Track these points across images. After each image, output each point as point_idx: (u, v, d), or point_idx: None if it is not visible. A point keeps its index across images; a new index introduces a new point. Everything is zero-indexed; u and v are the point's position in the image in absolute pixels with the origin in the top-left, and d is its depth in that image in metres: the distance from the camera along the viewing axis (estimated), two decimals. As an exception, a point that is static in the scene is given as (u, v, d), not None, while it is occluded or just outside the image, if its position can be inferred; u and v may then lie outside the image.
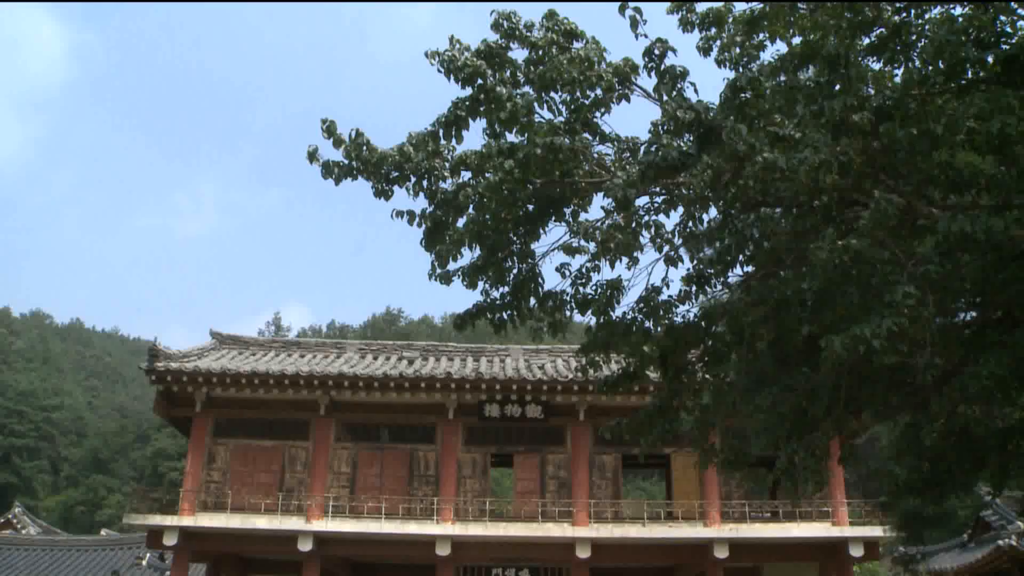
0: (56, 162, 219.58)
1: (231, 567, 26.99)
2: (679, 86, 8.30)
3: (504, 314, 8.96)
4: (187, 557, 23.72)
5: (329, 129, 8.39)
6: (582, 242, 8.62)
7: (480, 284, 8.87)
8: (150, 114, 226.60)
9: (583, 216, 8.81)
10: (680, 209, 8.57)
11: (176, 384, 23.45)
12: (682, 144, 7.99)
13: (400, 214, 8.73)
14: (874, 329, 6.77)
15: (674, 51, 8.38)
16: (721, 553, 22.51)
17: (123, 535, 36.84)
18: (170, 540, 22.70)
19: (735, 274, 9.05)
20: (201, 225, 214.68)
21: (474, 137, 10.18)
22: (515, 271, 8.93)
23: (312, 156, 8.47)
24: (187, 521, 22.78)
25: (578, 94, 8.31)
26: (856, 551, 22.66)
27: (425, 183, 8.58)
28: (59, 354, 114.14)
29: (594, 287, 8.98)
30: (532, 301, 9.00)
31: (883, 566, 25.06)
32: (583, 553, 22.52)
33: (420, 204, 8.74)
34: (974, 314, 9.18)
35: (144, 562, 33.30)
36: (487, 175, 8.29)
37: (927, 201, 7.81)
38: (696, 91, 8.34)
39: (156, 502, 24.69)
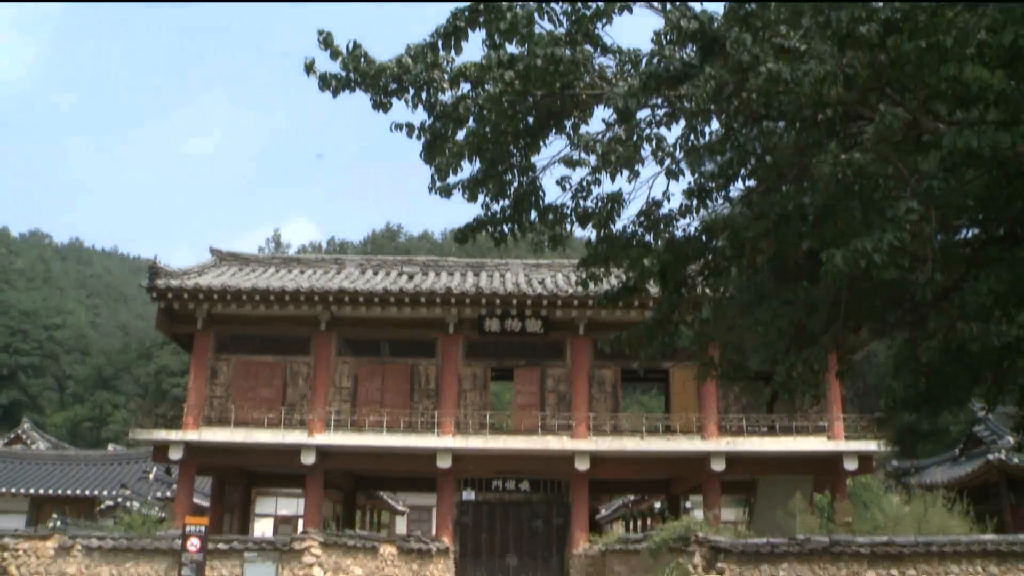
0: (56, 80, 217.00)
1: (236, 481, 27.53)
2: (682, -5, 8.11)
3: (504, 227, 8.92)
4: (192, 471, 24.15)
5: (326, 41, 8.22)
6: (583, 155, 8.51)
7: (480, 197, 8.81)
8: (154, 33, 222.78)
9: (584, 129, 8.69)
10: (682, 122, 8.44)
11: (177, 301, 23.55)
12: (685, 55, 7.84)
13: (399, 127, 8.63)
14: (875, 243, 6.74)
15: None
16: (718, 466, 22.90)
17: (130, 450, 37.50)
18: (175, 454, 23.09)
19: (736, 188, 8.97)
20: (203, 144, 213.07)
21: (473, 49, 10.03)
22: (515, 184, 8.86)
23: (309, 68, 8.32)
24: (191, 436, 23.14)
25: (579, 4, 8.12)
26: (851, 465, 23.04)
27: (424, 95, 8.44)
28: (59, 274, 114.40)
29: (594, 200, 8.92)
30: (532, 214, 8.95)
31: (876, 480, 25.47)
32: (582, 466, 22.91)
33: (419, 117, 8.63)
34: (976, 231, 9.14)
35: (151, 476, 33.95)
36: (487, 87, 8.15)
37: (933, 116, 7.69)
38: (700, 0, 8.16)
39: (161, 417, 25.03)
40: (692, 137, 8.58)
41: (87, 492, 33.43)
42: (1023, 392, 10.73)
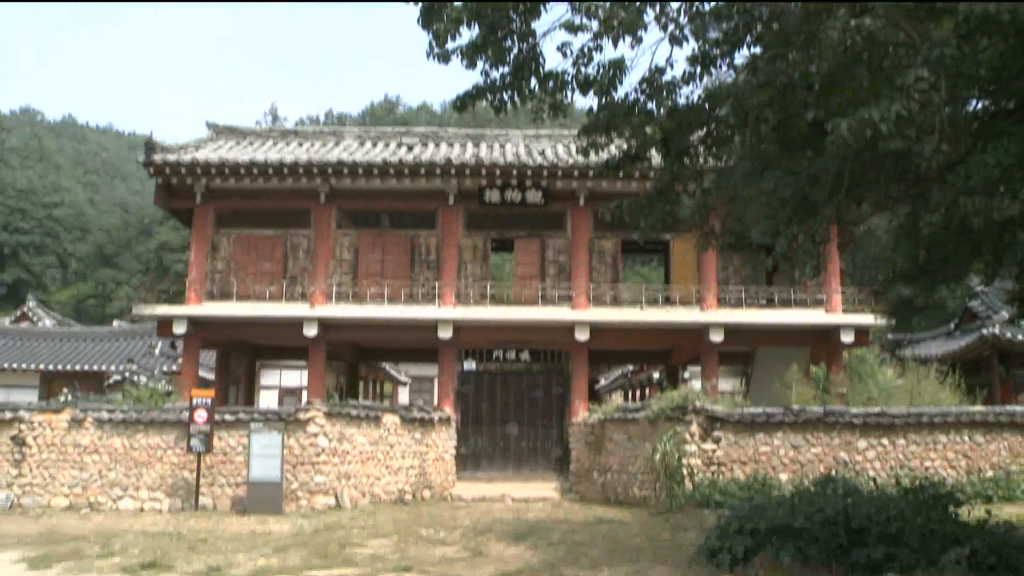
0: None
1: (240, 354, 27.89)
2: None
3: (504, 95, 8.75)
4: (197, 345, 24.43)
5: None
6: (584, 20, 8.28)
7: (479, 64, 8.61)
8: None
9: (586, -7, 8.43)
10: (687, -14, 8.19)
11: (175, 176, 23.35)
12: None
13: (397, -10, 8.36)
14: (882, 113, 6.60)
15: None
16: (716, 337, 23.14)
17: (134, 326, 37.91)
18: (179, 328, 23.30)
19: (742, 55, 8.77)
20: (198, 17, 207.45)
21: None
22: (515, 51, 8.64)
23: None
24: (194, 310, 23.30)
25: None
26: (847, 337, 23.27)
27: (421, -43, 8.16)
28: (54, 151, 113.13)
29: (596, 67, 8.72)
30: (533, 82, 8.76)
31: (872, 352, 25.80)
32: (582, 336, 23.15)
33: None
34: (986, 103, 8.96)
35: (156, 351, 34.44)
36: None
37: (949, -21, 7.43)
38: None
39: (163, 293, 25.16)
40: (697, 2, 8.33)
41: (95, 367, 34.02)
42: (1021, 266, 10.74)
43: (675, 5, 8.39)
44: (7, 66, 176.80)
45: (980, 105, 8.97)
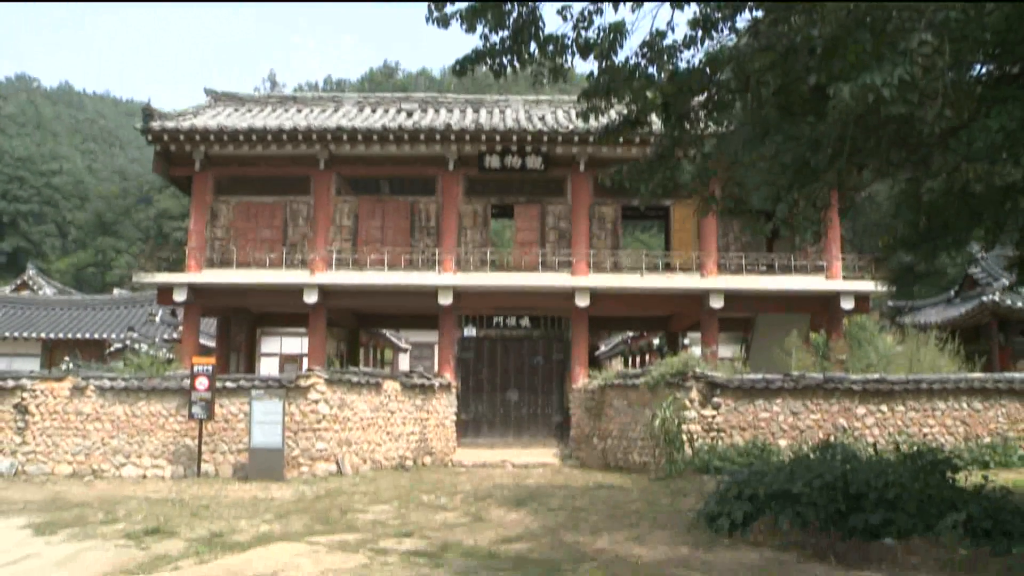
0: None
1: (241, 321, 27.91)
2: None
3: (504, 59, 8.67)
4: (197, 312, 24.46)
5: None
6: (585, -17, 8.20)
7: (479, 28, 8.53)
8: None
9: (587, -45, 8.34)
10: (689, -53, 8.09)
11: (173, 143, 23.26)
12: None
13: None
14: (885, 77, 6.54)
15: None
16: (716, 303, 23.16)
17: (135, 294, 37.99)
18: (179, 296, 23.32)
19: (743, 19, 8.69)
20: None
21: None
22: (515, 14, 8.56)
23: None
24: (194, 277, 23.30)
25: None
26: (847, 304, 23.29)
27: (420, -82, 8.06)
28: (51, 119, 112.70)
29: (596, 31, 8.64)
30: (532, 46, 8.69)
31: (871, 319, 25.82)
32: (582, 302, 23.16)
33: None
34: (991, 67, 8.89)
35: (157, 319, 34.47)
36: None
37: (954, -60, 7.33)
38: None
39: (163, 261, 25.17)
40: (699, -36, 8.24)
41: (96, 335, 34.09)
42: (1022, 233, 10.72)
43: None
44: (1, 32, 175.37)
45: (984, 70, 8.90)
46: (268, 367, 35.92)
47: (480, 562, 9.58)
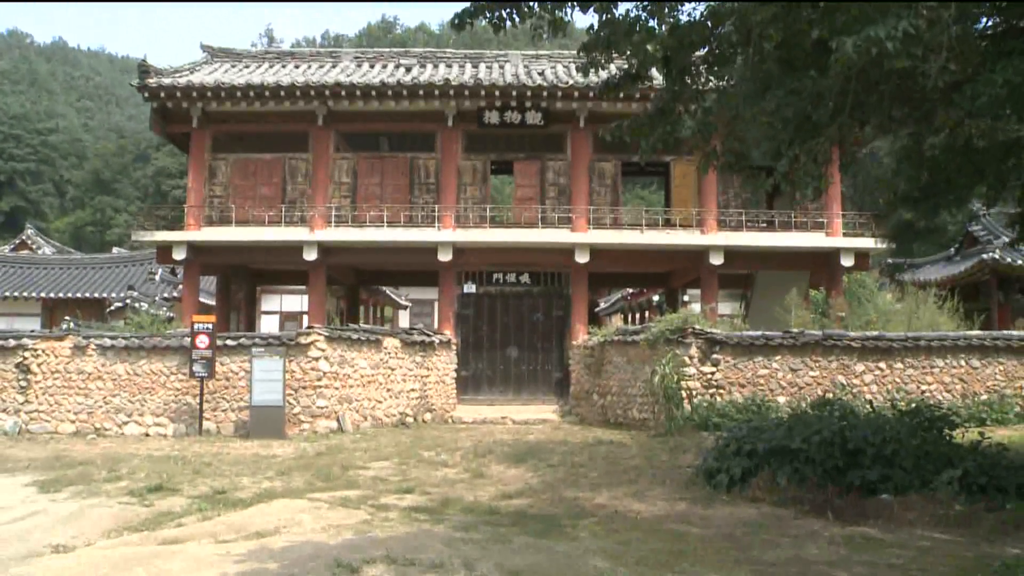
0: None
1: (241, 279, 27.92)
2: None
3: (503, 12, 8.53)
4: (197, 270, 24.45)
5: None
6: (585, -67, 8.05)
7: (477, -19, 8.39)
8: None
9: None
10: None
11: (170, 100, 23.07)
12: None
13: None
14: (889, 31, 6.45)
15: None
16: (716, 259, 23.13)
17: (134, 252, 37.90)
18: (179, 254, 23.29)
19: (746, -29, 8.54)
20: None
21: None
22: (514, -33, 8.42)
23: None
24: (193, 235, 23.25)
25: None
26: (847, 261, 23.26)
27: None
28: (46, 75, 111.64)
29: (597, -17, 8.50)
30: (532, -2, 8.56)
31: (871, 276, 25.81)
32: (582, 258, 23.13)
33: None
34: (996, 20, 8.77)
35: (156, 277, 34.43)
36: None
37: None
38: None
39: (162, 219, 25.14)
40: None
41: (96, 294, 34.06)
42: (1024, 190, 10.66)
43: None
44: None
45: (990, 23, 8.78)
46: (268, 325, 36.00)
47: (480, 518, 9.65)
